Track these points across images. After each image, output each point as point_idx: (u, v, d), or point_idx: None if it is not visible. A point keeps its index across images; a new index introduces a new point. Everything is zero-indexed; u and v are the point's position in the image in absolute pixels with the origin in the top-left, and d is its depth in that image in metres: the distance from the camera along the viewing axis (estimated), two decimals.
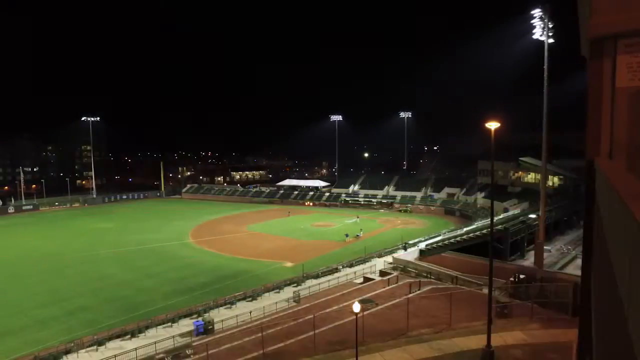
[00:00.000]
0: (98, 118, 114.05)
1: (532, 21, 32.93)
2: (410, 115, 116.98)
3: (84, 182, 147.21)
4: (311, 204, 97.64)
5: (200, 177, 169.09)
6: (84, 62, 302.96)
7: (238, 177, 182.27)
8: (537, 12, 32.33)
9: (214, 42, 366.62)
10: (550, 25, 31.83)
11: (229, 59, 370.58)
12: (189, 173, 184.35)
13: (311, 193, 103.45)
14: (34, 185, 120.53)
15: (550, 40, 31.98)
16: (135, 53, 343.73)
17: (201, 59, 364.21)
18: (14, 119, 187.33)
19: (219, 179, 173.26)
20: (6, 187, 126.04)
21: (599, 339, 3.39)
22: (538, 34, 32.82)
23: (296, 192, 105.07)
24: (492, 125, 17.59)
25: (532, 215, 43.30)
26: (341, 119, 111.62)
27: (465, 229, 50.26)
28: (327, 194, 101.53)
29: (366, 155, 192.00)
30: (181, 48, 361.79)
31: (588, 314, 5.22)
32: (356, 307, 15.75)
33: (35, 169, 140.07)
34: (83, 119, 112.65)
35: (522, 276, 30.12)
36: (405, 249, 46.44)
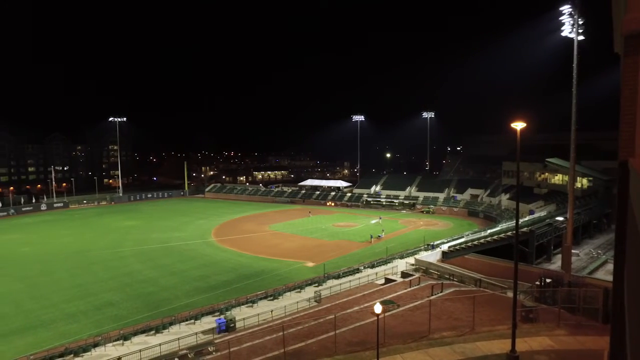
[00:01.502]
0: (125, 118, 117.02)
1: (560, 18, 31.97)
2: (433, 115, 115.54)
3: (110, 180, 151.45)
4: (333, 204, 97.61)
5: (223, 177, 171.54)
6: (113, 65, 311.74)
7: (260, 177, 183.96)
8: (566, 8, 31.37)
9: (236, 43, 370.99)
10: (581, 22, 30.84)
11: (250, 61, 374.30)
12: (211, 172, 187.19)
13: (333, 193, 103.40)
14: (64, 184, 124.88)
15: (580, 38, 30.99)
16: (161, 54, 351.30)
17: (223, 61, 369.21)
18: (46, 120, 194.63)
19: (242, 178, 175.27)
20: (39, 185, 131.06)
21: (634, 348, 3.25)
22: (567, 31, 31.84)
23: (318, 192, 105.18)
24: (518, 125, 17.17)
25: (560, 218, 42.07)
26: (363, 119, 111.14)
27: (489, 231, 49.22)
28: (349, 194, 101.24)
29: (388, 155, 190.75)
30: (206, 49, 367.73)
31: (621, 321, 5.02)
32: (377, 308, 15.61)
33: (65, 168, 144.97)
34: (110, 119, 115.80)
35: (548, 280, 29.22)
36: (433, 247, 45.95)
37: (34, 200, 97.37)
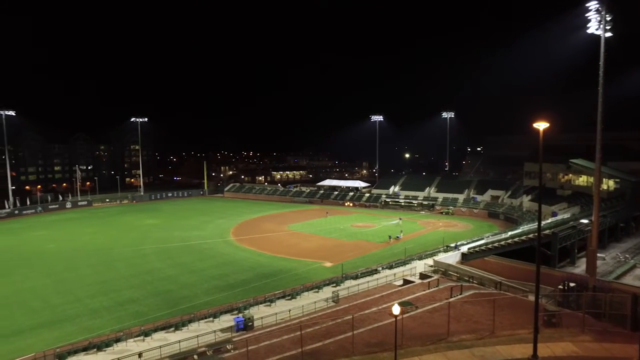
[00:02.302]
0: (146, 119, 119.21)
1: (587, 14, 31.06)
2: (452, 115, 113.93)
3: (132, 180, 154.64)
4: (351, 204, 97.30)
5: (242, 177, 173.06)
6: (136, 67, 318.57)
7: (279, 176, 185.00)
8: (593, 4, 30.47)
9: (254, 44, 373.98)
10: (608, 18, 29.90)
11: (267, 61, 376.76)
12: (231, 172, 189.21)
13: (351, 194, 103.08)
14: (88, 183, 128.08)
15: (608, 34, 30.04)
16: (180, 56, 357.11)
17: (241, 61, 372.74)
18: (71, 120, 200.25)
19: (260, 178, 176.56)
20: (64, 184, 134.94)
21: None
22: (594, 27, 30.91)
23: (336, 193, 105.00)
24: (541, 125, 16.78)
25: (584, 220, 40.83)
26: (382, 119, 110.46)
27: (510, 233, 48.24)
28: (367, 194, 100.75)
29: (407, 156, 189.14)
30: (222, 50, 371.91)
31: None
32: (396, 310, 15.46)
33: (89, 167, 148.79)
34: (132, 119, 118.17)
35: (572, 284, 28.47)
36: (456, 247, 45.36)
37: (60, 199, 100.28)
